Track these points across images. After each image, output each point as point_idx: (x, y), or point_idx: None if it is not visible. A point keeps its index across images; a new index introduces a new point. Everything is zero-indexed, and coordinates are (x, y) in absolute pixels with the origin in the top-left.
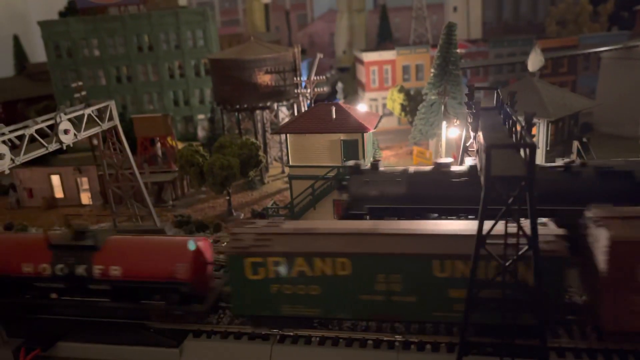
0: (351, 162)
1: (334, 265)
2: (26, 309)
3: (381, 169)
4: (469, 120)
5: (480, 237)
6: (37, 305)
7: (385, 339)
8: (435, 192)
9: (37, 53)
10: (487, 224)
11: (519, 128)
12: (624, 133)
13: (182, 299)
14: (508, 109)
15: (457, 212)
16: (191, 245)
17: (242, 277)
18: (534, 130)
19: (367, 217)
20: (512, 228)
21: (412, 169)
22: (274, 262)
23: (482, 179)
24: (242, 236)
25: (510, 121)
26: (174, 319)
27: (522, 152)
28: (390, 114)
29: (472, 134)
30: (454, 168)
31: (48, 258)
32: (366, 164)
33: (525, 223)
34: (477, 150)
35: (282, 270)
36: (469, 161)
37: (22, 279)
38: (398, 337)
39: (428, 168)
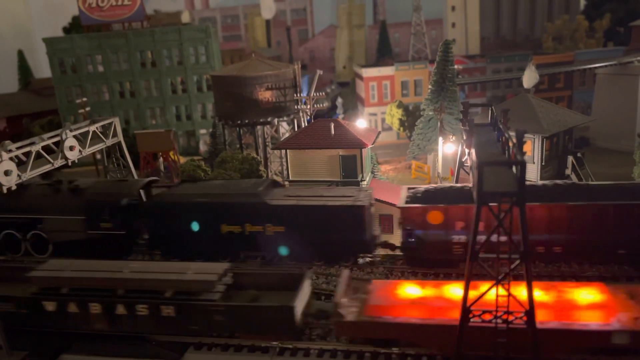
0: None
1: None
2: None
3: None
4: (464, 137)
5: (473, 252)
6: None
7: (382, 351)
8: None
9: (42, 68)
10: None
11: (511, 145)
12: (620, 147)
13: None
14: (501, 126)
15: None
16: None
17: None
18: (529, 146)
19: None
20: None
21: None
22: None
23: (474, 194)
24: None
25: (504, 138)
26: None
27: (513, 169)
28: (390, 128)
29: (466, 150)
30: None
31: None
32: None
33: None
34: (471, 167)
35: None
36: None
37: None
38: (395, 350)
39: None
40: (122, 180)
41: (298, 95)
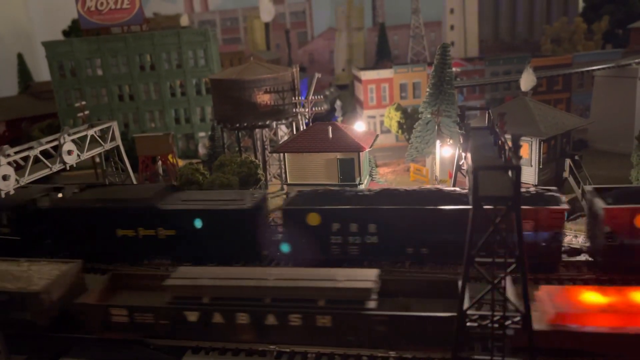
0: None
1: None
2: None
3: None
4: (461, 140)
5: (469, 255)
6: None
7: (379, 355)
8: None
9: (41, 71)
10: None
11: (507, 148)
12: (618, 149)
13: None
14: (497, 130)
15: None
16: None
17: None
18: (527, 149)
19: None
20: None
21: None
22: None
23: (470, 198)
24: None
25: (500, 141)
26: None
27: (509, 173)
28: (388, 131)
29: (463, 154)
30: None
31: None
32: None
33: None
34: (467, 170)
35: None
36: None
37: None
38: (392, 354)
39: None
40: (24, 187)
41: (296, 98)
